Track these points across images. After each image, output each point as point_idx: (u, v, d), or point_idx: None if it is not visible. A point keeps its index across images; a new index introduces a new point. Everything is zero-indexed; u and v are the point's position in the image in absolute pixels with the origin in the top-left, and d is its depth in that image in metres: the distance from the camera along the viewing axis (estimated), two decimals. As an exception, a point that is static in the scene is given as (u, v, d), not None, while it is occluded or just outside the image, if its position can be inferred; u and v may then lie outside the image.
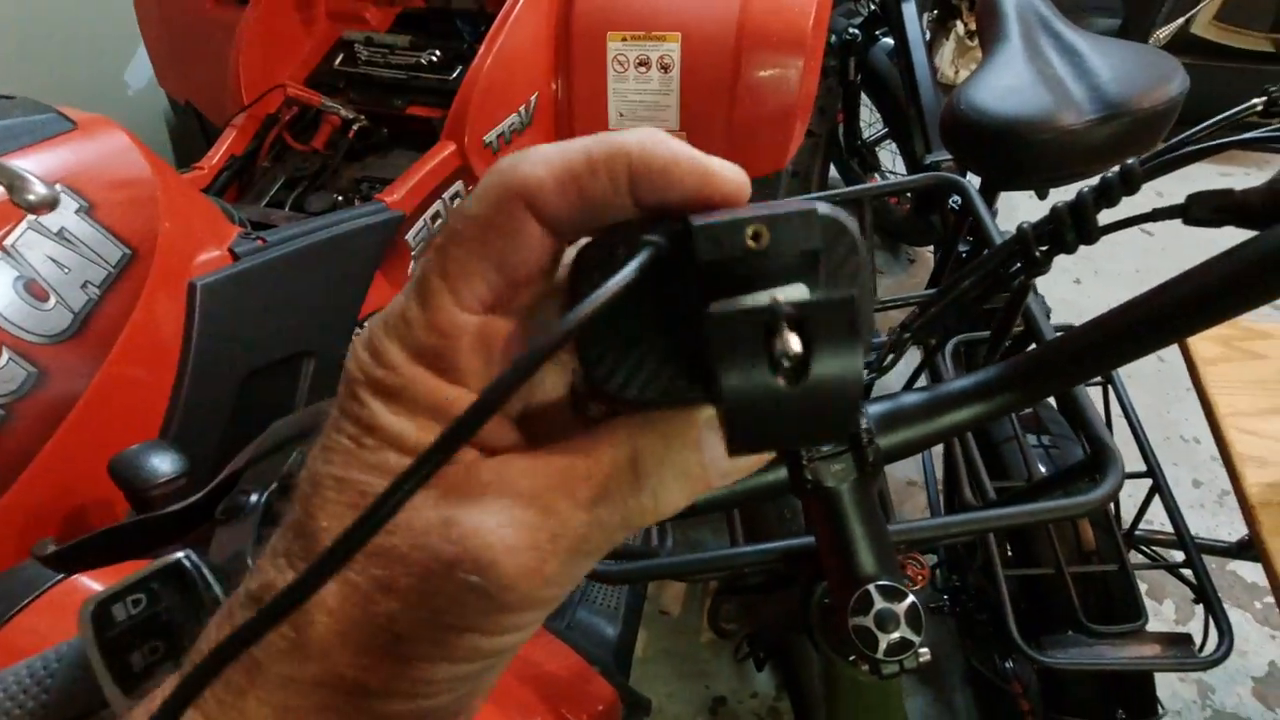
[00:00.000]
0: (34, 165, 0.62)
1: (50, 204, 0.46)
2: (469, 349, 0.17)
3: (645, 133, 0.17)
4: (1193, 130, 0.31)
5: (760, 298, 0.16)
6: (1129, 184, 0.30)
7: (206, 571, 0.25)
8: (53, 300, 0.60)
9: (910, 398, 0.34)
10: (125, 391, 0.65)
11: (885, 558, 0.34)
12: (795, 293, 0.16)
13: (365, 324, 0.16)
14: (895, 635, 0.32)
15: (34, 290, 0.59)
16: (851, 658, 0.36)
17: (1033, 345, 0.48)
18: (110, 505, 0.63)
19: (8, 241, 0.58)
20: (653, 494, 0.18)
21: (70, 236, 0.62)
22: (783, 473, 0.34)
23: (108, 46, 1.74)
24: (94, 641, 0.20)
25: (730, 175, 0.18)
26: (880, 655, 0.32)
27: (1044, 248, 0.34)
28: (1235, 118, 0.31)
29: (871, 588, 0.33)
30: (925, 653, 0.33)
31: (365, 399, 0.17)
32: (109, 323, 0.63)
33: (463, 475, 0.17)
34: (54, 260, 0.60)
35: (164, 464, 0.52)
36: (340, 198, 1.05)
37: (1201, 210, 0.28)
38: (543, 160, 0.17)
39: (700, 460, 0.18)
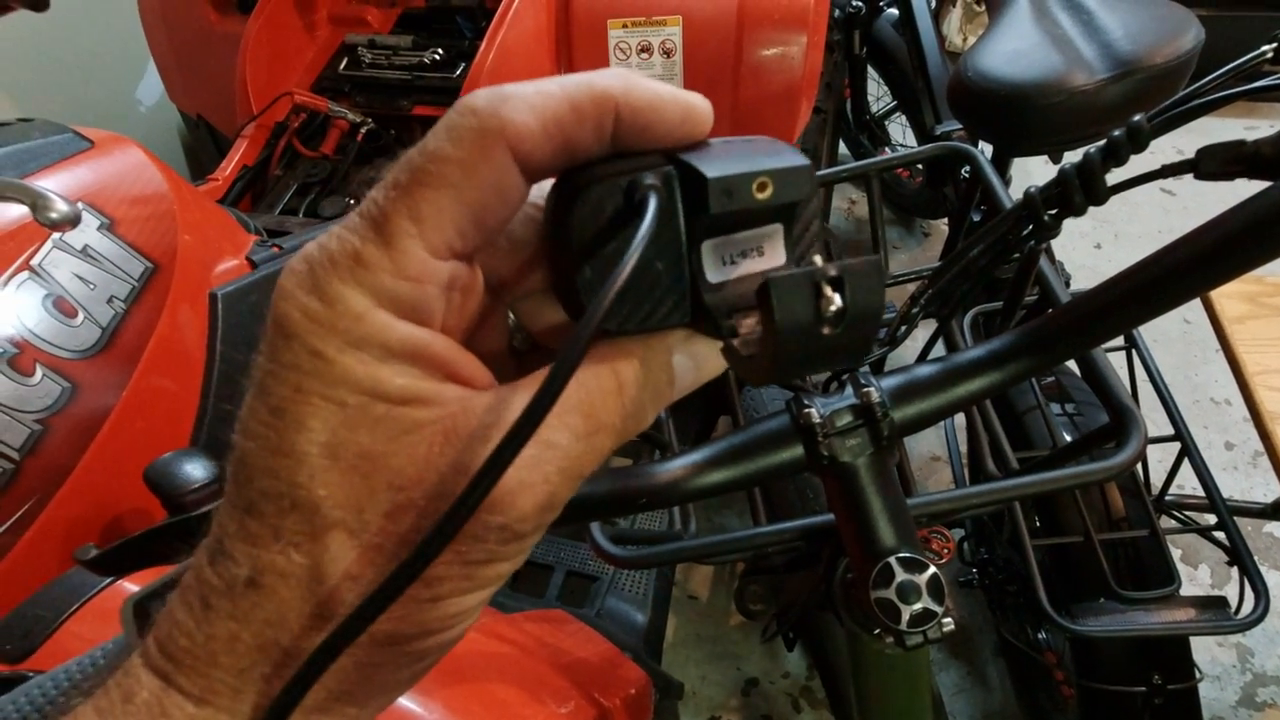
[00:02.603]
0: (55, 184, 0.64)
1: (72, 221, 0.47)
2: (436, 294, 0.17)
3: (620, 74, 0.17)
4: (1201, 82, 0.30)
5: (769, 236, 0.19)
6: (1136, 142, 0.30)
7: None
8: (81, 316, 0.62)
9: (923, 370, 0.34)
10: (155, 402, 0.66)
11: (904, 530, 0.34)
12: (776, 235, 0.19)
13: (289, 263, 0.17)
14: (918, 606, 0.32)
15: (62, 307, 0.61)
16: (876, 631, 0.37)
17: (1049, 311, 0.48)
18: (147, 513, 0.65)
19: (35, 261, 0.60)
20: (635, 417, 0.19)
21: (94, 253, 0.63)
22: (800, 450, 0.34)
23: (118, 65, 1.76)
24: (136, 637, 0.20)
25: (704, 108, 0.18)
26: (904, 627, 0.33)
27: (1052, 211, 0.34)
28: (1245, 67, 0.30)
29: (892, 560, 0.33)
30: (949, 623, 0.34)
31: (331, 354, 0.16)
32: (136, 336, 0.65)
33: (463, 418, 0.17)
34: (80, 277, 0.62)
35: (197, 470, 0.53)
36: (352, 201, 1.06)
37: (1212, 164, 0.27)
38: (526, 105, 0.16)
39: (670, 380, 0.20)
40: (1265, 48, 0.30)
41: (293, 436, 0.16)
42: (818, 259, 0.18)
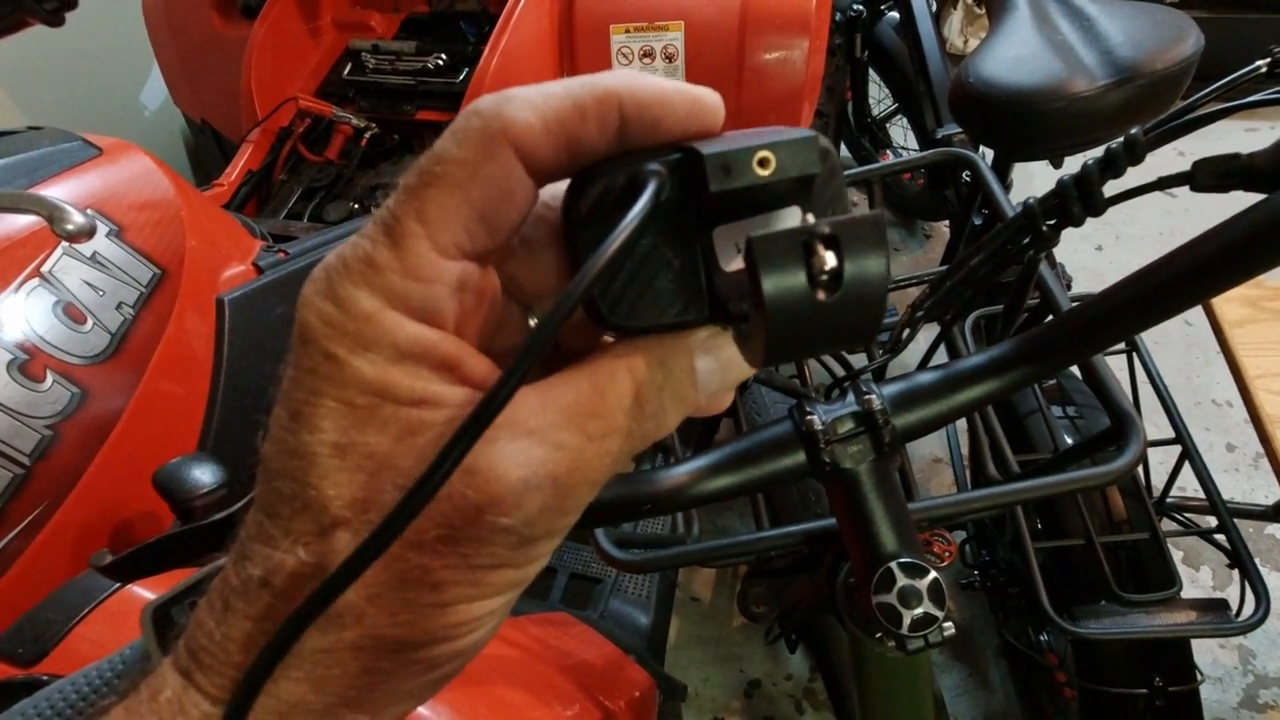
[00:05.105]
0: (65, 192, 0.64)
1: (88, 233, 0.48)
2: (446, 294, 0.17)
3: (625, 73, 0.17)
4: (1196, 96, 0.31)
5: (784, 219, 0.17)
6: (1134, 154, 0.30)
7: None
8: (90, 322, 0.62)
9: (925, 376, 0.34)
10: (163, 407, 0.67)
11: (906, 535, 0.34)
12: (792, 217, 0.18)
13: (312, 273, 0.17)
14: (919, 611, 0.33)
15: (72, 314, 0.61)
16: (878, 635, 0.37)
17: (1050, 317, 0.48)
18: (155, 517, 0.65)
19: (45, 268, 0.60)
20: (654, 420, 0.18)
21: (103, 260, 0.64)
22: (802, 457, 0.34)
23: (122, 71, 1.77)
24: (155, 642, 0.21)
25: (712, 100, 0.18)
26: (905, 631, 0.33)
27: (1051, 222, 0.34)
28: (1240, 81, 0.31)
29: (893, 565, 0.34)
30: (950, 627, 0.34)
31: (342, 356, 0.16)
32: (144, 341, 0.66)
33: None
34: (89, 284, 0.63)
35: (205, 475, 0.54)
36: (356, 206, 1.06)
37: (1208, 176, 0.28)
38: (528, 105, 0.16)
39: (693, 383, 0.19)
40: (1259, 62, 0.31)
41: (305, 438, 0.17)
42: (809, 218, 0.16)
